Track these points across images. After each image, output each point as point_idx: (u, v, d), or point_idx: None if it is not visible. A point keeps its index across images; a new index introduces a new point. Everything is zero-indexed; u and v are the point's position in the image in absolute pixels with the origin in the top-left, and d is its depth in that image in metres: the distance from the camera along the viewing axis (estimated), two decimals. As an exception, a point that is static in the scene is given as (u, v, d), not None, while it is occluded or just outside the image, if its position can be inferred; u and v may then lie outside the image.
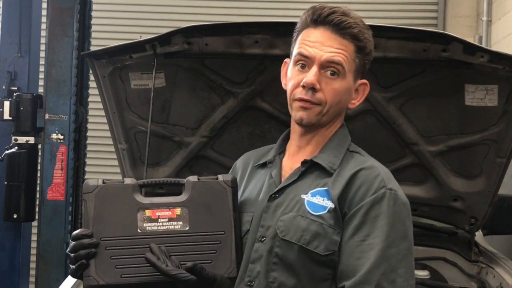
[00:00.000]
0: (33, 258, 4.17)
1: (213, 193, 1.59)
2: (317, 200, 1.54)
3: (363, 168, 1.56)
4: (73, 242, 1.53)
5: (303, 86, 1.53)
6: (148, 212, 1.56)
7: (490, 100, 2.41)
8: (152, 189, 2.10)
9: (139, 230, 1.54)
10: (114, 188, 1.58)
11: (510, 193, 3.34)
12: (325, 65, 1.53)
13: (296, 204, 1.55)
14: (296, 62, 1.57)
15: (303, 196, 1.55)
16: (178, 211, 1.56)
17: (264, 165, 1.70)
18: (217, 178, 1.61)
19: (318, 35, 1.54)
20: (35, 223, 4.03)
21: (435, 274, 2.77)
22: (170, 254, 1.50)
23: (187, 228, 1.55)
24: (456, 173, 2.67)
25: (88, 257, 1.51)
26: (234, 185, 1.61)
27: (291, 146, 1.67)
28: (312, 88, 1.52)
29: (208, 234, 1.55)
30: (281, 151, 1.69)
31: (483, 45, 4.13)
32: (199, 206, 1.57)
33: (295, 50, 1.58)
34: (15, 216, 3.88)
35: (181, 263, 1.49)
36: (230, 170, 1.83)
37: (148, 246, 1.51)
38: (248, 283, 1.53)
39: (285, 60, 1.66)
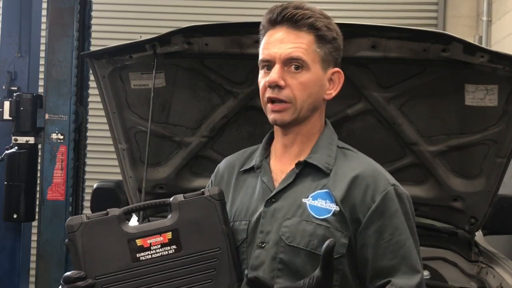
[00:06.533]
0: (33, 258, 4.17)
1: (202, 210, 1.54)
2: (319, 203, 1.53)
3: (363, 169, 1.56)
4: (67, 285, 1.45)
5: (269, 86, 1.54)
6: (139, 242, 1.50)
7: (490, 100, 2.41)
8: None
9: (133, 262, 1.49)
10: (99, 222, 1.51)
11: (510, 193, 3.34)
12: (286, 62, 1.53)
13: (298, 209, 1.54)
14: (261, 67, 1.58)
15: (304, 200, 1.54)
16: (169, 235, 1.51)
17: (250, 170, 1.66)
18: (203, 193, 1.56)
19: (276, 35, 1.55)
20: (35, 223, 4.03)
21: (435, 274, 2.77)
22: (169, 280, 1.49)
23: (182, 251, 1.51)
24: (456, 173, 2.66)
25: None
26: (221, 198, 1.56)
27: (277, 147, 1.65)
28: (277, 86, 1.52)
29: (204, 254, 1.52)
30: (267, 155, 1.66)
31: (483, 45, 4.13)
32: (189, 226, 1.52)
33: (259, 57, 1.59)
34: (15, 216, 3.88)
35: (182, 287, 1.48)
36: (213, 175, 1.77)
37: (145, 276, 1.48)
38: None
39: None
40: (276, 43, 1.54)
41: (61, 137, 3.84)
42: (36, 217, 3.97)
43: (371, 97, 2.51)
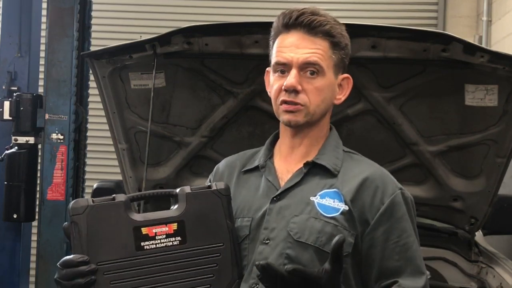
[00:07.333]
0: (33, 258, 4.17)
1: (208, 203, 1.53)
2: (327, 201, 1.55)
3: (372, 171, 1.59)
4: (67, 269, 1.42)
5: (286, 90, 1.55)
6: (144, 230, 1.48)
7: (490, 100, 2.41)
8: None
9: (137, 250, 1.47)
10: (106, 207, 1.48)
11: (510, 193, 3.34)
12: (303, 67, 1.55)
13: (306, 207, 1.55)
14: (275, 70, 1.59)
15: (312, 198, 1.56)
16: (174, 226, 1.50)
17: (253, 170, 1.68)
18: (209, 187, 1.56)
19: (291, 39, 1.56)
20: (35, 223, 4.03)
21: (435, 274, 2.77)
22: (171, 271, 1.48)
23: (186, 244, 1.50)
24: (456, 173, 2.67)
25: (88, 285, 1.42)
26: (227, 193, 1.56)
27: (282, 148, 1.66)
28: (294, 90, 1.54)
29: (207, 248, 1.51)
30: (271, 155, 1.68)
31: (483, 45, 4.14)
32: (195, 219, 1.51)
33: (273, 59, 1.60)
34: (15, 216, 3.87)
35: (183, 280, 1.48)
36: (212, 174, 1.77)
37: (148, 265, 1.47)
38: (253, 285, 1.52)
39: (267, 69, 1.66)
40: (292, 48, 1.55)
41: (61, 137, 3.84)
42: (36, 217, 3.97)
43: (371, 97, 2.51)
